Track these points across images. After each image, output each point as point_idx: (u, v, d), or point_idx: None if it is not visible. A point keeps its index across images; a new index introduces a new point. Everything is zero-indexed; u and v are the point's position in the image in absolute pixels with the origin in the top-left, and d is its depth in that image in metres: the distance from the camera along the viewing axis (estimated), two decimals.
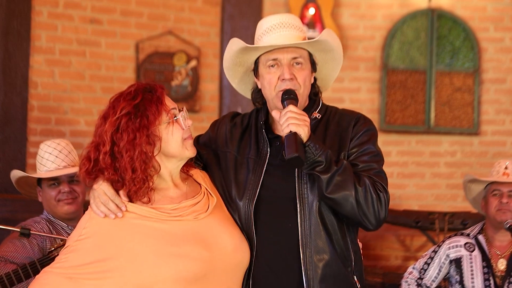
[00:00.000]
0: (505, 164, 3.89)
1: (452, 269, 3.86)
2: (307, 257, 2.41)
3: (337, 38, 2.59)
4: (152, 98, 2.31)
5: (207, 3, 6.00)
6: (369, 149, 2.50)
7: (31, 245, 3.22)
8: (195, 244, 2.28)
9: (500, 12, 6.17)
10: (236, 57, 2.58)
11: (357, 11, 6.14)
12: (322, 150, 2.36)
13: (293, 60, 2.49)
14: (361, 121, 2.56)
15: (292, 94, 2.44)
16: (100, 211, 2.29)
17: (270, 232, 2.46)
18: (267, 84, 2.52)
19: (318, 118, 2.57)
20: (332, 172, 2.36)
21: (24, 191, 3.56)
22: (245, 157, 2.55)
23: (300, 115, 2.36)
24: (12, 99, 5.31)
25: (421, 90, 6.12)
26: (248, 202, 2.47)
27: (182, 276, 2.24)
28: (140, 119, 2.28)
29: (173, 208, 2.33)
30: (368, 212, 2.39)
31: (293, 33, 2.51)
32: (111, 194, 2.29)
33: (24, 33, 5.37)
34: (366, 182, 2.39)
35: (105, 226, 2.29)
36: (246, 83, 2.69)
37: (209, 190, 2.48)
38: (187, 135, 2.37)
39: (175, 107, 2.37)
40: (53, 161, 3.40)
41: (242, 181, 2.51)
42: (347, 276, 2.47)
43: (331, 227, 2.45)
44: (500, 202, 3.80)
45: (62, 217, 3.39)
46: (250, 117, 2.67)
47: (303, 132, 2.33)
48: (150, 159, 2.29)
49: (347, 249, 2.49)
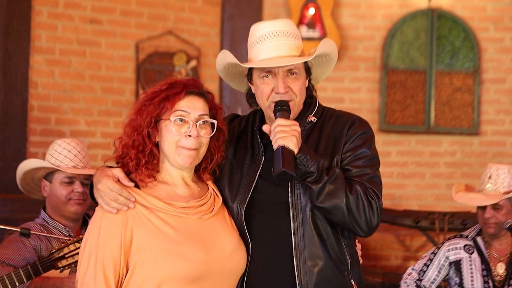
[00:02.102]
0: (490, 172, 3.82)
1: (451, 271, 3.86)
2: (300, 263, 2.41)
3: (334, 44, 2.54)
4: (169, 93, 2.36)
5: (207, 3, 6.00)
6: (364, 153, 2.46)
7: (26, 248, 3.21)
8: (194, 245, 2.30)
9: (500, 12, 6.17)
10: (227, 66, 2.55)
11: (357, 11, 6.14)
12: (313, 161, 2.33)
13: (288, 71, 2.44)
14: (356, 124, 2.51)
15: (285, 105, 2.41)
16: (112, 207, 2.29)
17: (264, 236, 2.46)
18: (260, 93, 2.48)
19: (314, 121, 2.54)
20: (323, 182, 2.34)
21: (25, 185, 3.52)
22: (240, 161, 2.54)
23: (288, 126, 2.32)
24: (12, 99, 5.31)
25: (421, 90, 6.13)
26: (239, 205, 2.46)
27: (179, 277, 2.26)
28: (150, 105, 2.36)
29: (182, 206, 2.35)
30: (359, 219, 2.37)
31: (288, 42, 2.45)
32: (118, 189, 2.29)
33: (24, 33, 5.36)
34: (358, 190, 2.37)
35: (119, 221, 2.30)
36: (239, 83, 2.66)
37: (215, 191, 2.49)
38: (183, 144, 2.35)
39: (188, 111, 2.35)
40: (71, 159, 3.41)
41: (235, 185, 2.50)
42: (343, 281, 2.46)
43: (324, 232, 2.44)
44: (484, 217, 3.77)
45: (67, 216, 3.39)
46: (248, 120, 2.65)
47: (291, 144, 2.30)
48: (141, 131, 2.34)
49: (342, 253, 2.47)
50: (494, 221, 3.73)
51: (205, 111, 2.39)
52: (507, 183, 3.78)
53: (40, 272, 2.96)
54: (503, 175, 3.78)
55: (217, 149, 2.46)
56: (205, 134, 2.38)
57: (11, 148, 5.28)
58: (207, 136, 2.38)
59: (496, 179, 3.80)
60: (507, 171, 3.79)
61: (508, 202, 3.75)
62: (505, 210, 3.74)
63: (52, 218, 3.39)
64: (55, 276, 3.11)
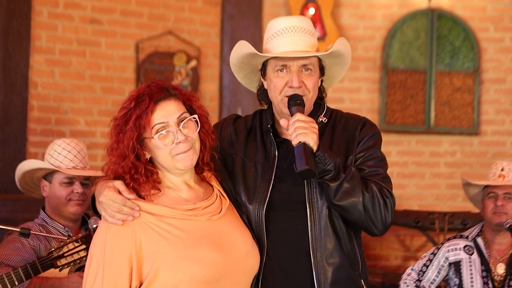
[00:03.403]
0: (501, 166, 3.87)
1: (451, 272, 3.86)
2: (317, 261, 2.41)
3: (349, 45, 2.58)
4: (140, 111, 2.28)
5: (207, 3, 6.00)
6: (375, 154, 2.50)
7: (25, 248, 3.21)
8: (209, 247, 2.26)
9: (500, 12, 6.17)
10: (243, 58, 2.56)
11: (357, 11, 6.15)
12: (331, 159, 2.34)
13: (303, 66, 2.46)
14: (367, 125, 2.55)
15: (299, 99, 2.42)
16: (117, 219, 2.23)
17: (281, 235, 2.45)
18: (273, 87, 2.49)
19: (325, 122, 2.56)
20: (341, 180, 2.35)
21: (24, 184, 3.51)
22: (252, 160, 2.53)
23: (308, 123, 2.33)
24: (12, 99, 5.31)
25: (421, 90, 6.13)
26: (258, 206, 2.45)
27: (196, 280, 2.22)
28: (127, 130, 2.29)
29: (188, 208, 2.31)
30: (375, 218, 2.39)
31: (305, 38, 2.47)
32: (121, 200, 2.24)
33: (24, 33, 5.37)
34: (374, 188, 2.39)
35: (125, 232, 2.24)
36: (251, 79, 2.67)
37: (221, 192, 2.46)
38: (178, 151, 2.31)
39: (165, 121, 2.29)
40: (71, 160, 3.40)
41: (252, 185, 2.49)
42: (356, 280, 2.48)
43: (340, 231, 2.45)
44: (495, 205, 3.78)
45: (66, 217, 3.39)
46: (254, 119, 2.64)
47: (312, 141, 2.31)
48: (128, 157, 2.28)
49: (354, 253, 2.49)
50: (504, 211, 3.75)
51: (181, 109, 2.33)
52: None
53: (40, 271, 2.95)
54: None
55: (206, 136, 2.41)
56: (191, 132, 2.33)
57: (11, 148, 5.28)
58: (194, 133, 2.33)
59: (508, 172, 3.84)
60: None
61: None
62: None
63: (51, 218, 3.39)
64: (54, 276, 3.11)
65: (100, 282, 2.20)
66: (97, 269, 2.22)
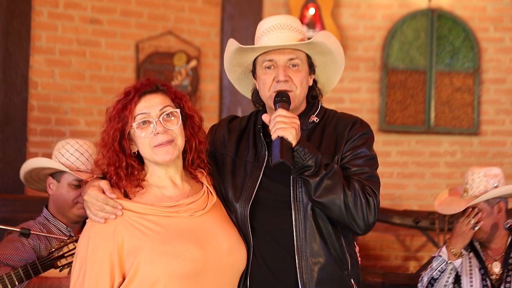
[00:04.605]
0: (466, 177, 3.73)
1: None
2: (302, 261, 2.42)
3: (336, 40, 2.58)
4: (125, 102, 2.38)
5: (207, 3, 6.00)
6: (363, 153, 2.50)
7: (25, 248, 3.21)
8: (188, 242, 2.31)
9: (500, 12, 6.17)
10: (234, 58, 2.60)
11: (357, 11, 6.15)
12: (311, 154, 2.35)
13: (290, 61, 2.50)
14: (357, 125, 2.55)
15: (285, 96, 2.45)
16: (100, 217, 2.30)
17: (267, 234, 2.47)
18: (262, 85, 2.53)
19: (316, 121, 2.57)
20: (321, 176, 2.36)
21: (29, 178, 3.49)
22: (243, 159, 2.56)
23: (288, 118, 2.35)
24: (12, 99, 5.30)
25: (421, 90, 6.13)
26: (244, 203, 2.48)
27: (175, 274, 2.27)
28: (111, 120, 2.39)
29: (170, 205, 2.36)
30: (357, 216, 2.39)
31: (291, 35, 2.51)
32: (103, 199, 2.31)
33: (24, 33, 5.36)
34: (356, 186, 2.39)
35: (107, 230, 2.30)
36: (247, 85, 2.71)
37: (210, 190, 2.49)
38: (156, 143, 2.36)
39: (147, 112, 2.36)
40: (83, 162, 3.37)
41: (239, 183, 2.52)
42: (343, 279, 2.48)
43: (325, 230, 2.46)
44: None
45: (70, 218, 3.38)
46: (249, 119, 2.68)
47: (290, 136, 2.33)
48: (112, 147, 2.35)
49: (342, 252, 2.49)
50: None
51: (165, 103, 2.39)
52: (483, 186, 3.66)
53: (40, 272, 2.96)
54: (478, 179, 3.68)
55: (194, 136, 2.45)
56: (172, 125, 2.37)
57: (11, 148, 5.28)
58: (175, 126, 2.38)
59: (471, 184, 3.70)
60: (483, 174, 3.67)
61: (487, 205, 3.64)
62: (486, 213, 3.63)
63: (54, 217, 3.38)
64: (54, 276, 3.11)
65: (82, 279, 2.28)
66: (81, 265, 2.30)
